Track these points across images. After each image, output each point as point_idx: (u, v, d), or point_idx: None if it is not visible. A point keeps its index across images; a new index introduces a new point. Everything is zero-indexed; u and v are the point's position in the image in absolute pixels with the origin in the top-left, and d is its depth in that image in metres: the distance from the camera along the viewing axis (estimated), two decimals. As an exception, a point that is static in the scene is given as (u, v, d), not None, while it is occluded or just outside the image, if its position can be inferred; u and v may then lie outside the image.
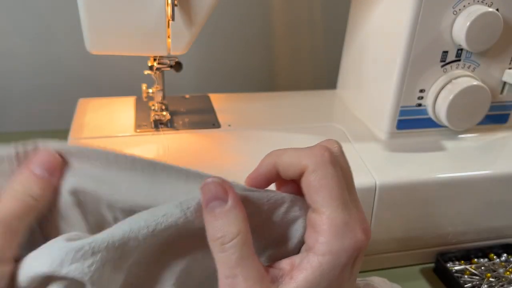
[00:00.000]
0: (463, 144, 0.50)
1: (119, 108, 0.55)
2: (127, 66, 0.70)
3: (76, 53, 0.70)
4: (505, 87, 0.50)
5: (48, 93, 0.74)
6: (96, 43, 0.43)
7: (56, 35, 0.69)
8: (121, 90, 0.61)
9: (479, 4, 0.44)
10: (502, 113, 0.52)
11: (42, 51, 0.70)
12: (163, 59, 0.49)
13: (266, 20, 0.76)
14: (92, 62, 0.70)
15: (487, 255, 0.50)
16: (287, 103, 0.60)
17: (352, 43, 0.57)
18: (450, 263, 0.48)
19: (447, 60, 0.47)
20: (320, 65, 0.82)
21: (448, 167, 0.46)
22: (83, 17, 0.41)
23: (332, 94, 0.63)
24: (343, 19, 0.59)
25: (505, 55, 0.48)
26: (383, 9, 0.49)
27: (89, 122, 0.51)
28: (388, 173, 0.45)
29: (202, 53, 0.76)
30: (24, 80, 0.72)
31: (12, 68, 0.71)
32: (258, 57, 0.79)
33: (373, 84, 0.52)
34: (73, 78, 0.73)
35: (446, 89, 0.47)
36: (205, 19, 0.44)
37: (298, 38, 0.79)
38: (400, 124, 0.49)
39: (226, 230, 0.24)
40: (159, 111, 0.52)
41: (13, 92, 0.73)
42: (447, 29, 0.45)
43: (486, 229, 0.50)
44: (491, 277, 0.46)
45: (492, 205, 0.48)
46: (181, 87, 0.74)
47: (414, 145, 0.49)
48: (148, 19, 0.42)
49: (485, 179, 0.46)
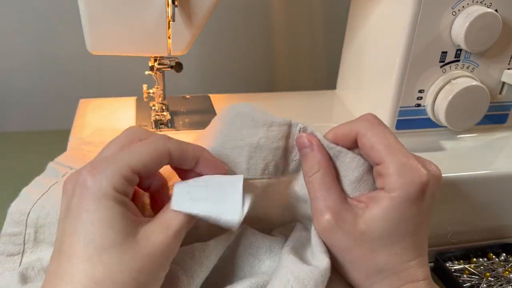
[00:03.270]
0: (462, 144, 0.50)
1: (119, 108, 0.55)
2: (128, 66, 0.70)
3: (76, 53, 0.70)
4: (504, 87, 0.50)
5: (48, 93, 0.74)
6: (97, 44, 0.43)
7: (56, 35, 0.70)
8: (121, 91, 0.61)
9: (478, 4, 0.45)
10: (501, 113, 0.52)
11: (42, 51, 0.70)
12: (164, 59, 0.49)
13: (266, 21, 0.76)
14: (93, 62, 0.70)
15: (486, 255, 0.50)
16: (287, 103, 0.60)
17: (352, 43, 0.57)
18: (449, 262, 0.48)
19: (446, 60, 0.47)
20: (320, 65, 0.82)
21: (447, 167, 0.46)
22: (84, 17, 0.41)
23: (332, 94, 0.63)
24: (343, 19, 0.59)
25: (504, 56, 0.48)
26: (382, 10, 0.49)
27: (90, 122, 0.51)
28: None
29: (202, 53, 0.76)
30: (24, 80, 0.72)
31: (12, 68, 0.71)
32: (258, 57, 0.79)
33: (372, 84, 0.52)
34: (73, 78, 0.73)
35: (445, 90, 0.47)
36: (205, 20, 0.44)
37: (298, 38, 0.79)
38: (399, 124, 0.49)
39: (311, 166, 0.32)
40: (160, 111, 0.52)
41: (13, 92, 0.73)
42: (446, 30, 0.45)
43: (485, 228, 0.50)
44: (490, 277, 0.46)
45: (491, 205, 0.48)
46: (182, 88, 0.74)
47: (413, 145, 0.49)
48: (149, 19, 0.42)
49: (484, 179, 0.46)
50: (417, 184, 0.29)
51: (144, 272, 0.25)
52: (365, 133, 0.31)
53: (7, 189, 0.36)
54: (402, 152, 0.30)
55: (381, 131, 0.31)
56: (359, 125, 0.32)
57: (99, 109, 0.55)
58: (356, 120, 0.32)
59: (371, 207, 0.30)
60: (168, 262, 0.27)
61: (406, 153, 0.30)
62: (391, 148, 0.30)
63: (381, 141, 0.30)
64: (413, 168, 0.29)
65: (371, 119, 0.32)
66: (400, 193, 0.29)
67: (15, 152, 0.66)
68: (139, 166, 0.27)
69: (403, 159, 0.30)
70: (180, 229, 0.27)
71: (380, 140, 0.30)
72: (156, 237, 0.26)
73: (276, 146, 0.33)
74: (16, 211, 0.31)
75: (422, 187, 0.29)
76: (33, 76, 0.72)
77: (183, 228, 0.28)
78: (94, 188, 0.25)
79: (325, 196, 0.31)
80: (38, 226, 0.32)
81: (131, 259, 0.25)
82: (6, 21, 0.67)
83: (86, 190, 0.25)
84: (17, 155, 0.65)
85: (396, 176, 0.29)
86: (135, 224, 0.26)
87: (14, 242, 0.31)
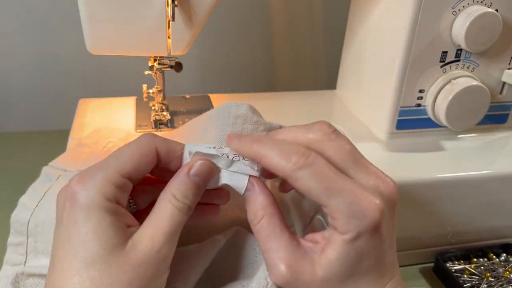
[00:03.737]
0: (462, 144, 0.50)
1: (119, 108, 0.55)
2: (128, 66, 0.70)
3: (76, 53, 0.70)
4: (504, 87, 0.50)
5: (48, 93, 0.74)
6: (97, 44, 0.43)
7: (56, 35, 0.70)
8: (121, 90, 0.61)
9: (478, 4, 0.45)
10: (502, 113, 0.52)
11: (42, 51, 0.70)
12: (163, 59, 0.49)
13: (266, 20, 0.76)
14: (93, 62, 0.70)
15: (487, 255, 0.50)
16: (287, 103, 0.60)
17: (352, 43, 0.57)
18: (449, 262, 0.48)
19: (447, 60, 0.47)
20: (320, 65, 0.82)
21: (448, 167, 0.46)
22: (84, 17, 0.41)
23: (332, 94, 0.63)
24: (343, 19, 0.59)
25: (504, 55, 0.48)
26: (382, 9, 0.49)
27: (90, 123, 0.51)
28: (387, 173, 0.44)
29: (202, 53, 0.76)
30: (24, 80, 0.72)
31: (12, 68, 0.71)
32: (258, 57, 0.79)
33: (372, 84, 0.52)
34: (73, 78, 0.73)
35: (445, 89, 0.47)
36: (205, 20, 0.44)
37: (298, 38, 0.79)
38: (399, 124, 0.49)
39: (255, 213, 0.28)
40: (160, 111, 0.52)
41: (13, 92, 0.73)
42: (447, 30, 0.45)
43: (485, 229, 0.50)
44: (491, 277, 0.46)
45: (492, 205, 0.48)
46: (182, 87, 0.74)
47: (413, 145, 0.49)
48: (149, 19, 0.42)
49: (484, 179, 0.46)
50: (370, 221, 0.26)
51: (136, 284, 0.24)
52: (296, 177, 0.26)
53: (7, 189, 0.36)
54: (347, 187, 0.26)
55: (309, 173, 0.26)
56: (284, 171, 0.27)
57: (99, 109, 0.55)
58: (281, 160, 0.27)
59: (326, 251, 0.27)
60: (165, 267, 0.26)
61: (352, 186, 0.26)
62: (332, 190, 0.26)
63: (318, 185, 0.26)
64: (362, 205, 0.26)
65: (295, 163, 0.26)
66: (353, 234, 0.26)
67: (15, 152, 0.66)
68: (128, 169, 0.26)
69: (350, 197, 0.26)
70: (170, 230, 0.26)
71: (316, 183, 0.26)
72: (144, 245, 0.25)
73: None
74: (17, 220, 0.31)
75: (376, 222, 0.26)
76: (33, 76, 0.72)
77: (174, 229, 0.26)
78: (82, 199, 0.25)
79: (276, 247, 0.27)
80: (38, 235, 0.31)
81: (119, 272, 0.24)
82: (6, 21, 0.67)
83: (75, 202, 0.25)
84: (17, 155, 0.65)
85: (345, 219, 0.26)
86: (126, 233, 0.25)
87: (18, 252, 0.32)
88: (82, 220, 0.24)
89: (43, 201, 0.33)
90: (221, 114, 0.35)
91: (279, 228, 0.28)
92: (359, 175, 0.28)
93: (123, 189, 0.26)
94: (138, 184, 0.28)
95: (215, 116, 0.35)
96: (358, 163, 0.28)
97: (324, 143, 0.28)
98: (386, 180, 0.28)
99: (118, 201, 0.26)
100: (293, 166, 0.26)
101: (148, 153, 0.27)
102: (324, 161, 0.27)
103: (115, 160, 0.26)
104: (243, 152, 0.29)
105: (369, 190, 0.26)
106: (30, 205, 0.32)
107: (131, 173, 0.26)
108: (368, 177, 0.28)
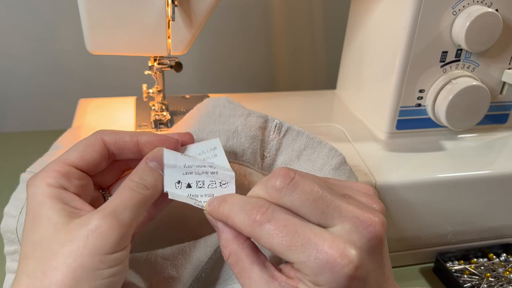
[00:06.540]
0: (462, 144, 0.50)
1: (119, 108, 0.55)
2: (127, 66, 0.70)
3: (76, 53, 0.70)
4: (504, 87, 0.50)
5: (48, 93, 0.74)
6: (96, 44, 0.43)
7: (56, 35, 0.70)
8: (121, 90, 0.61)
9: (478, 4, 0.45)
10: (502, 113, 0.52)
11: (42, 51, 0.70)
12: (163, 59, 0.49)
13: (266, 21, 0.76)
14: (92, 62, 0.70)
15: (487, 255, 0.50)
16: (287, 103, 0.60)
17: (352, 43, 0.57)
18: (449, 262, 0.48)
19: (447, 60, 0.47)
20: (320, 65, 0.82)
21: (448, 167, 0.46)
22: (84, 17, 0.41)
23: (332, 94, 0.63)
24: (343, 19, 0.59)
25: (504, 55, 0.48)
26: (382, 9, 0.49)
27: (90, 122, 0.51)
28: (387, 173, 0.45)
29: (202, 53, 0.76)
30: (24, 80, 0.72)
31: (12, 68, 0.71)
32: (258, 58, 0.79)
33: (372, 84, 0.52)
34: (73, 78, 0.73)
35: (445, 89, 0.47)
36: (205, 20, 0.44)
37: (298, 38, 0.79)
38: (399, 124, 0.49)
39: (222, 250, 0.27)
40: (159, 111, 0.52)
41: (13, 93, 0.73)
42: (447, 29, 0.45)
43: (485, 229, 0.50)
44: (491, 277, 0.46)
45: (492, 205, 0.48)
46: (181, 87, 0.74)
47: (413, 145, 0.49)
48: (148, 19, 0.42)
49: (485, 179, 0.46)
50: (342, 275, 0.23)
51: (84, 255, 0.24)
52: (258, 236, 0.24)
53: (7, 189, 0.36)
54: (312, 241, 0.23)
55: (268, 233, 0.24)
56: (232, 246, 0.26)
57: (99, 109, 0.55)
58: (228, 238, 0.26)
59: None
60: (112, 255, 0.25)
61: (316, 239, 0.23)
62: (294, 246, 0.23)
63: (279, 241, 0.24)
64: (330, 260, 0.23)
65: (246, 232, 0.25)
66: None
67: (15, 152, 0.66)
68: (72, 158, 0.28)
69: (314, 252, 0.23)
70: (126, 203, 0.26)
71: (277, 239, 0.24)
72: (96, 216, 0.25)
73: (253, 134, 0.34)
74: (7, 230, 0.32)
75: (349, 276, 0.23)
76: (33, 76, 0.72)
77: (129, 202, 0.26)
78: (30, 188, 0.27)
79: (248, 282, 0.26)
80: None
81: (57, 246, 0.25)
82: (6, 21, 0.67)
83: (28, 194, 0.27)
84: (17, 155, 0.65)
85: (313, 276, 0.23)
86: (71, 215, 0.26)
87: (16, 259, 0.32)
88: (29, 208, 0.26)
89: (25, 207, 0.33)
90: (201, 106, 0.37)
91: (248, 262, 0.26)
92: (331, 222, 0.24)
93: (68, 176, 0.27)
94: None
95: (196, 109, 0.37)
96: (328, 209, 0.24)
97: (285, 198, 0.25)
98: (368, 217, 0.24)
99: (64, 187, 0.27)
100: (253, 224, 0.24)
101: (94, 143, 0.29)
102: (283, 213, 0.24)
103: (64, 153, 0.29)
104: (215, 217, 0.27)
105: (338, 240, 0.23)
106: (14, 213, 0.32)
107: (76, 162, 0.28)
108: (343, 222, 0.24)
